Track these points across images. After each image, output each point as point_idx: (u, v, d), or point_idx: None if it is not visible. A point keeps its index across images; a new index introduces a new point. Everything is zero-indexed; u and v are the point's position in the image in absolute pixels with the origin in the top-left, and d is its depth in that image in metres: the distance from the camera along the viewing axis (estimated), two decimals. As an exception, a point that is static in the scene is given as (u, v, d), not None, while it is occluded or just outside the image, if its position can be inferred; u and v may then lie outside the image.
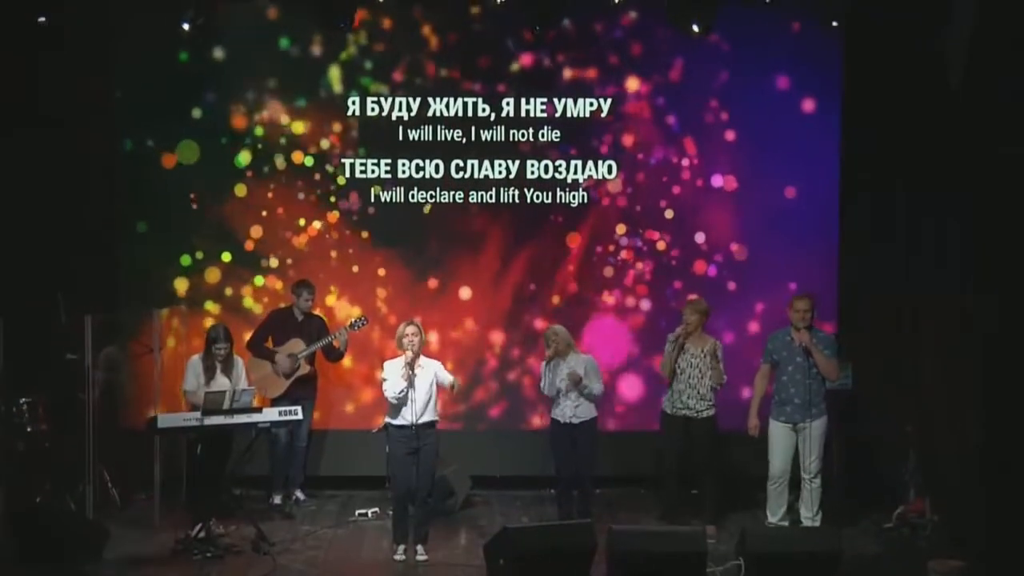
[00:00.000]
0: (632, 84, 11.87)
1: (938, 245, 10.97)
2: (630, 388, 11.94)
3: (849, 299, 11.80)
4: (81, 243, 11.50)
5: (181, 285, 11.83)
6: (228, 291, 11.88)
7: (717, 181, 11.90)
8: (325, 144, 11.85)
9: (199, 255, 11.85)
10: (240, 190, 11.85)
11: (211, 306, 11.83)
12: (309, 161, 11.87)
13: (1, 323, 10.32)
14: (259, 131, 11.81)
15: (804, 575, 9.17)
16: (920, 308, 11.13)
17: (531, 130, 11.88)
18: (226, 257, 11.87)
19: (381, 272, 11.91)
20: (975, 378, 10.34)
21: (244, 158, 11.84)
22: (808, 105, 11.83)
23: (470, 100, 11.85)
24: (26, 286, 11.11)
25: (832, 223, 11.84)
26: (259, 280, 11.89)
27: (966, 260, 10.50)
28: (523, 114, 11.86)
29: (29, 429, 10.65)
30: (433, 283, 11.93)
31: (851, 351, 11.32)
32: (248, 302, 11.89)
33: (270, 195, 11.86)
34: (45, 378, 10.90)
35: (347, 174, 11.86)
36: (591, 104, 11.86)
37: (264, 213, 11.87)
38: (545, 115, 11.86)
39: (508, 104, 11.85)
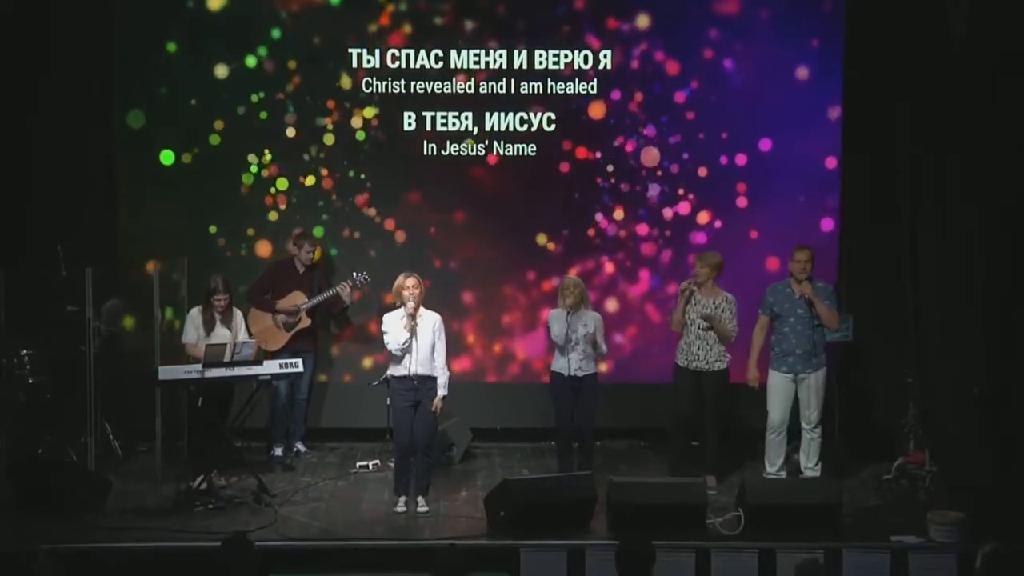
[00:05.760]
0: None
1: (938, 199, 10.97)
2: (630, 339, 11.93)
3: (850, 251, 11.76)
4: (82, 194, 11.47)
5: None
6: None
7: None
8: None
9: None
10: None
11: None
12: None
13: (3, 275, 10.32)
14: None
15: (804, 526, 9.22)
16: (920, 259, 11.12)
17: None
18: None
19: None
20: (975, 329, 10.36)
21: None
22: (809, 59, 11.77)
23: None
24: (26, 238, 11.10)
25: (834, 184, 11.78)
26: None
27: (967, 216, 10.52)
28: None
29: (31, 381, 10.65)
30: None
31: (851, 303, 11.32)
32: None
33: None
34: (46, 330, 10.89)
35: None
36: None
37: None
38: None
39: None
